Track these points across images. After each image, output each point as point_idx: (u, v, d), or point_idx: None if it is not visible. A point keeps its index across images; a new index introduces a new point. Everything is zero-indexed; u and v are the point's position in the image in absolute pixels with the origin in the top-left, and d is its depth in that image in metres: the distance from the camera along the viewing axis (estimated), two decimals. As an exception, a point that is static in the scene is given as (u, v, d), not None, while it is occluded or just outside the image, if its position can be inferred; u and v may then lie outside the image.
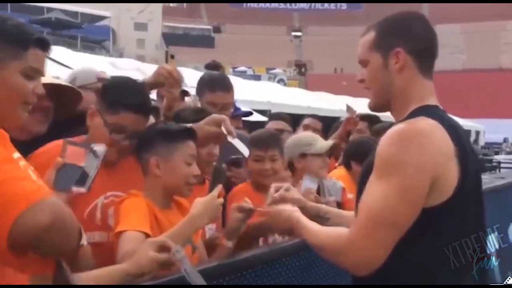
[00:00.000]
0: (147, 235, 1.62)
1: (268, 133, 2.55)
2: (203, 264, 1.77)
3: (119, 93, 1.84)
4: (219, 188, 1.77)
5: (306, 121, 3.95)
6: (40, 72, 1.39)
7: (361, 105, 3.15)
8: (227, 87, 2.58)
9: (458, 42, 51.09)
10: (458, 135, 1.43)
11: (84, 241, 1.42)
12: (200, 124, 1.98)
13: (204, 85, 2.60)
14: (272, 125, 3.59)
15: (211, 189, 1.81)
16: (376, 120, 3.93)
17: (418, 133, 1.39)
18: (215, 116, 2.01)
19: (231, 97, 2.59)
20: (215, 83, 2.58)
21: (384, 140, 1.42)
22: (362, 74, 1.59)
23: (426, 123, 1.41)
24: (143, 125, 1.86)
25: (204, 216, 1.70)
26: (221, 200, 1.75)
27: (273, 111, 11.10)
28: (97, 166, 1.59)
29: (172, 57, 9.90)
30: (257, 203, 1.97)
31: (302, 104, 12.24)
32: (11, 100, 1.33)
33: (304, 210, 1.79)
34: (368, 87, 1.58)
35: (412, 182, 1.36)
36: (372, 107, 1.61)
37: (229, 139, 1.90)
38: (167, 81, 2.04)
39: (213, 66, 2.83)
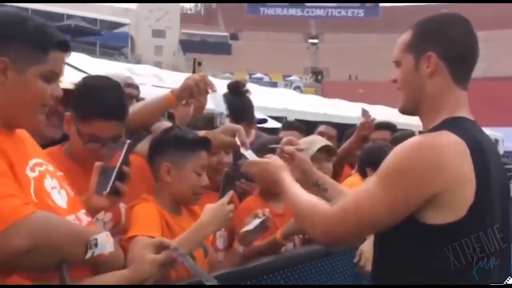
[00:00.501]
0: None
1: (277, 140, 2.55)
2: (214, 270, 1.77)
3: (89, 101, 1.73)
4: (229, 194, 1.77)
5: (321, 128, 3.94)
6: (59, 75, 1.37)
7: (377, 113, 3.11)
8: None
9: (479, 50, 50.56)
10: (482, 152, 1.38)
11: (108, 249, 1.31)
12: (215, 132, 1.99)
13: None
14: (284, 135, 3.57)
15: (221, 195, 1.81)
16: (396, 129, 3.88)
17: (431, 148, 1.35)
18: (231, 125, 2.02)
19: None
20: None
21: (399, 147, 1.41)
22: (395, 75, 1.54)
23: (445, 139, 1.36)
24: (120, 131, 1.77)
25: (214, 223, 1.70)
26: (231, 207, 1.75)
27: (289, 118, 11.09)
28: (119, 162, 1.50)
29: (200, 64, 9.64)
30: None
31: (318, 111, 12.19)
32: (30, 103, 1.32)
33: (306, 173, 1.83)
34: (400, 88, 1.54)
35: (406, 194, 1.36)
36: (402, 109, 1.56)
37: (242, 150, 1.90)
38: (195, 90, 2.01)
39: (233, 88, 2.78)
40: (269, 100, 11.05)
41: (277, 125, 10.02)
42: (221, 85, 2.72)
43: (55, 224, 1.22)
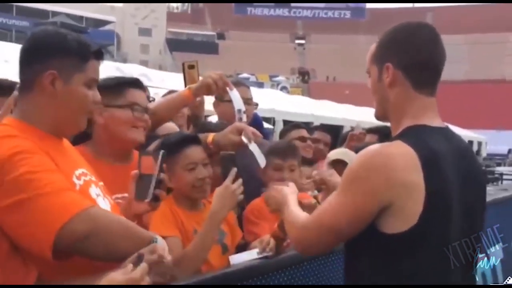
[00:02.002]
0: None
1: (288, 143, 2.61)
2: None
3: (115, 78, 1.97)
4: (232, 173, 1.86)
5: (316, 134, 3.88)
6: (97, 81, 1.51)
7: (363, 114, 3.16)
8: (246, 84, 2.77)
9: (461, 53, 51.17)
10: (436, 161, 1.41)
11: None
12: (224, 132, 2.09)
13: None
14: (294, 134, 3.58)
15: (223, 178, 1.89)
16: (387, 132, 3.90)
17: (381, 160, 1.40)
18: (237, 124, 2.11)
19: (251, 94, 2.74)
20: (237, 80, 2.80)
21: (356, 157, 1.48)
22: (368, 84, 1.61)
23: (395, 150, 1.41)
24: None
25: (223, 208, 1.83)
26: (237, 184, 1.84)
27: (276, 118, 11.13)
28: (157, 171, 1.62)
29: (193, 67, 7.94)
30: (274, 217, 2.01)
31: (305, 112, 12.25)
32: (77, 109, 1.47)
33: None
34: (372, 97, 1.60)
35: (360, 202, 1.41)
36: (375, 116, 1.63)
37: (250, 147, 2.01)
38: (213, 88, 2.14)
39: None
40: (256, 101, 11.07)
41: (268, 126, 10.00)
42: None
43: (112, 219, 1.37)
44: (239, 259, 1.84)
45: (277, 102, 11.99)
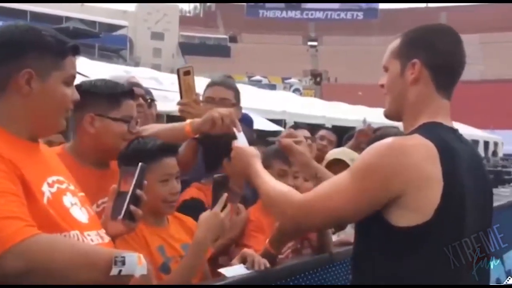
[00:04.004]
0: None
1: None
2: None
3: (110, 89, 1.82)
4: (222, 200, 1.71)
5: (322, 132, 3.96)
6: (75, 78, 1.43)
7: (377, 115, 3.09)
8: (227, 84, 2.53)
9: (477, 53, 50.66)
10: (453, 157, 1.39)
11: (140, 271, 1.21)
12: (206, 118, 1.91)
13: (206, 86, 2.56)
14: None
15: (214, 203, 1.73)
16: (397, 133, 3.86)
17: (397, 149, 1.38)
18: (217, 111, 1.93)
19: (230, 95, 2.50)
20: (215, 80, 2.56)
21: (371, 146, 1.45)
22: (383, 80, 1.58)
23: (414, 141, 1.39)
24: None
25: (208, 238, 1.67)
26: (225, 213, 1.70)
27: (288, 120, 11.05)
28: (132, 186, 1.46)
29: (188, 73, 2.15)
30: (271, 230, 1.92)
31: (317, 114, 12.16)
32: (56, 109, 1.38)
33: (305, 166, 1.90)
34: (386, 93, 1.58)
35: (370, 191, 1.39)
36: (386, 114, 1.60)
37: (236, 133, 1.85)
38: (218, 124, 1.90)
39: None
40: (268, 103, 11.01)
41: (279, 128, 9.96)
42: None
43: (58, 247, 1.19)
44: (232, 272, 1.70)
45: (288, 104, 11.92)
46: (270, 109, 10.59)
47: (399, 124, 1.63)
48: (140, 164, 1.49)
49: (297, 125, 3.72)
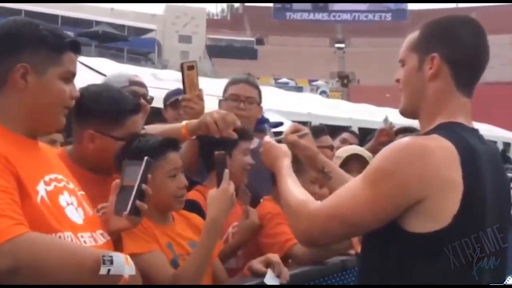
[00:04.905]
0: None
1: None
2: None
3: (114, 105, 1.72)
4: (226, 176, 1.72)
5: (344, 135, 3.90)
6: (74, 75, 1.40)
7: (404, 118, 3.00)
8: (252, 83, 2.51)
9: (509, 53, 49.49)
10: (474, 158, 1.31)
11: (128, 271, 1.21)
12: (204, 120, 1.88)
13: (228, 83, 2.54)
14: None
15: (219, 180, 1.75)
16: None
17: (416, 152, 1.29)
18: (204, 116, 1.90)
19: (255, 93, 2.49)
20: (240, 77, 2.53)
21: (387, 147, 1.36)
22: (399, 74, 1.49)
23: (434, 143, 1.30)
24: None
25: (221, 214, 1.69)
26: (232, 188, 1.71)
27: (313, 123, 10.97)
28: (138, 181, 1.42)
29: (192, 68, 2.10)
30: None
31: (343, 116, 12.03)
32: (52, 105, 1.35)
33: (311, 160, 1.81)
34: (401, 89, 1.48)
35: (386, 197, 1.30)
36: (401, 111, 1.50)
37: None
38: (212, 128, 1.88)
39: None
40: (293, 105, 10.95)
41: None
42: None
43: (46, 246, 1.17)
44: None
45: (314, 106, 11.83)
46: (295, 111, 10.53)
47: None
48: (146, 158, 1.45)
49: (316, 129, 3.63)
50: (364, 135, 4.09)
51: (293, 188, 1.52)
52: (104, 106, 1.70)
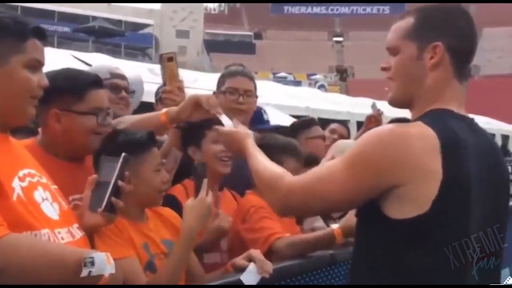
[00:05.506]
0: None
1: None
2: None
3: (74, 80, 1.69)
4: (205, 185, 1.68)
5: (333, 125, 3.88)
6: (42, 63, 1.33)
7: (401, 111, 2.99)
8: (250, 75, 2.48)
9: (507, 46, 49.43)
10: (459, 147, 1.29)
11: (109, 270, 1.18)
12: (184, 106, 1.83)
13: (224, 75, 2.48)
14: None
15: (197, 189, 1.70)
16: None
17: (395, 139, 1.30)
18: (194, 96, 1.86)
19: (253, 86, 2.45)
20: (237, 70, 2.50)
21: (368, 133, 1.39)
22: (388, 62, 1.44)
23: (414, 130, 1.30)
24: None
25: (198, 223, 1.65)
26: (210, 198, 1.67)
27: (312, 116, 10.95)
28: (115, 177, 1.40)
29: (171, 59, 2.09)
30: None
31: (341, 110, 12.02)
32: (18, 96, 1.29)
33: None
34: (392, 78, 1.43)
35: (359, 179, 1.34)
36: (392, 101, 1.47)
37: (220, 117, 1.79)
38: (194, 113, 1.84)
39: None
40: (291, 99, 10.93)
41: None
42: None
43: (28, 247, 1.15)
44: (248, 279, 1.67)
45: (312, 100, 11.81)
46: (293, 105, 10.51)
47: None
48: (123, 154, 1.43)
49: (307, 120, 3.60)
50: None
51: (267, 162, 1.54)
52: (62, 82, 1.65)
